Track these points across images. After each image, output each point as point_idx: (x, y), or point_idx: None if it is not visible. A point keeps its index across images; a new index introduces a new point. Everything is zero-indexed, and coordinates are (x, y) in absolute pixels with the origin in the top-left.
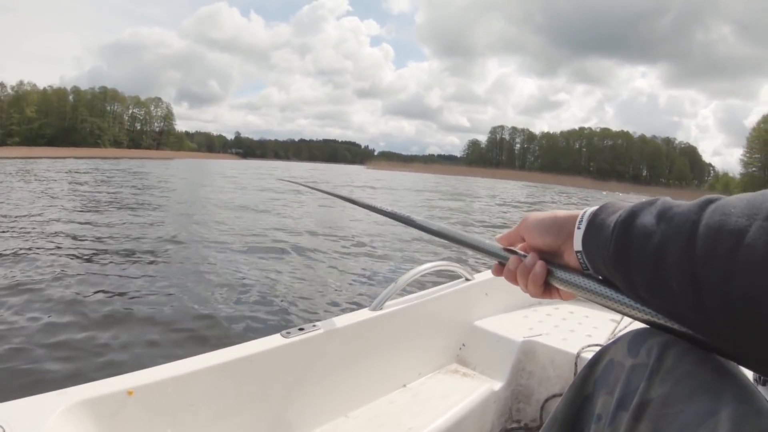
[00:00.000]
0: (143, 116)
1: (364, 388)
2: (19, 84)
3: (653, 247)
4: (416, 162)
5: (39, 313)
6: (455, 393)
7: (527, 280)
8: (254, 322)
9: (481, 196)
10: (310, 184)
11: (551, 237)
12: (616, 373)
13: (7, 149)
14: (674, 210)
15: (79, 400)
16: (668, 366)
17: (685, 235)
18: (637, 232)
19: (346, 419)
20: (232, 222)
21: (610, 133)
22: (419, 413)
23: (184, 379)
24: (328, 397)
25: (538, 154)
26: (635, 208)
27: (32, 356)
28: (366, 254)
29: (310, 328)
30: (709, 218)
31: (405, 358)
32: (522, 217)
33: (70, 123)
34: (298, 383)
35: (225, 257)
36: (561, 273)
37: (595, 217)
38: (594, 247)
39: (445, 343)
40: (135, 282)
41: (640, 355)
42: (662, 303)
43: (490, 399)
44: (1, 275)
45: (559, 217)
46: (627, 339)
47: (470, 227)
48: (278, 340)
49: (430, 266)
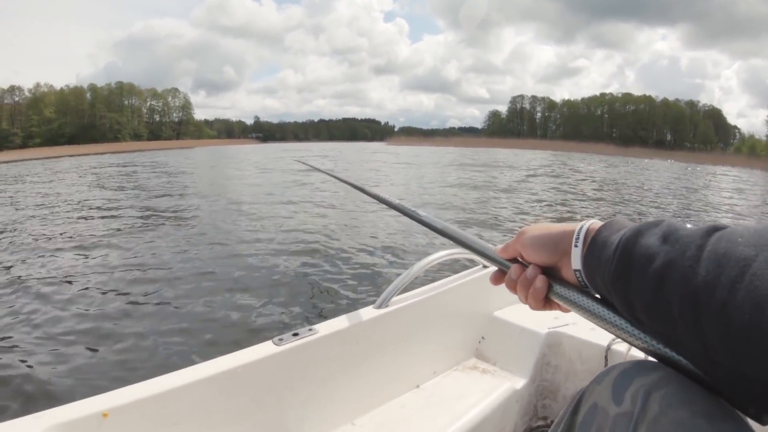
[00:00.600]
0: (161, 108)
1: (372, 391)
2: (36, 86)
3: (655, 269)
4: (437, 136)
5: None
6: (474, 393)
7: (528, 292)
8: (247, 325)
9: (499, 168)
10: (323, 169)
11: (546, 254)
12: (599, 421)
13: (29, 151)
14: (680, 233)
15: (53, 423)
16: (654, 414)
17: (689, 259)
18: (639, 252)
19: (353, 426)
20: (234, 213)
21: (632, 98)
22: (433, 417)
23: (166, 397)
24: (330, 404)
25: (559, 123)
26: (640, 227)
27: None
28: (373, 249)
29: (305, 333)
30: (715, 244)
31: (417, 357)
32: (520, 228)
33: (89, 120)
34: (295, 392)
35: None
36: (561, 289)
37: (598, 234)
38: (595, 264)
39: (462, 338)
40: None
41: (624, 402)
42: (660, 328)
43: (512, 398)
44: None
45: (552, 235)
46: (611, 380)
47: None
48: (269, 348)
49: (441, 255)
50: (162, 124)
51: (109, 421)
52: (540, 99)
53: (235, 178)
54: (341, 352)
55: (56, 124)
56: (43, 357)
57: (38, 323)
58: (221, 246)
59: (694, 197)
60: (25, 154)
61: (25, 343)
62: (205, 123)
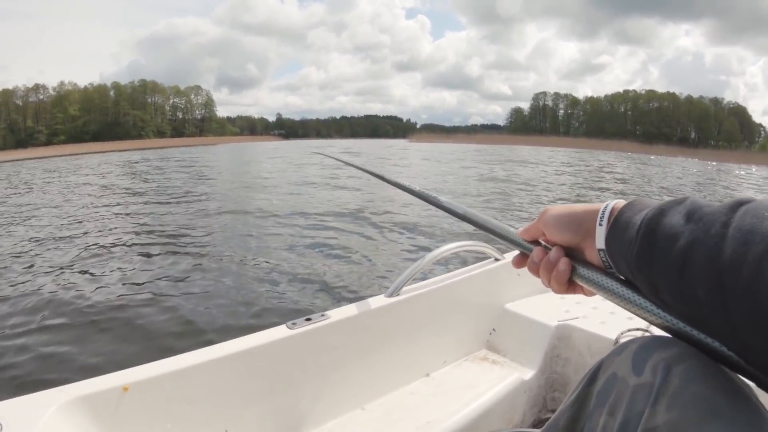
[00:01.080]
0: (184, 105)
1: (382, 378)
2: (60, 84)
3: (679, 249)
4: (459, 133)
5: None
6: (482, 382)
7: (551, 275)
8: (261, 309)
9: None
10: (343, 159)
11: (570, 234)
12: (618, 391)
13: (54, 148)
14: (704, 210)
15: (75, 396)
16: (675, 388)
17: (713, 237)
18: (663, 232)
19: (362, 411)
20: (255, 203)
21: (656, 95)
22: (441, 405)
23: (183, 374)
24: (341, 389)
25: (582, 120)
26: (663, 206)
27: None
28: (388, 238)
29: (318, 318)
30: (740, 221)
31: (428, 346)
32: (542, 209)
33: (113, 118)
34: (307, 375)
35: (239, 241)
36: (584, 271)
37: (621, 215)
38: (617, 246)
39: (473, 329)
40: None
41: (645, 374)
42: (686, 309)
43: (520, 389)
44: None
45: (577, 213)
46: (631, 352)
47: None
48: (283, 331)
49: (454, 246)
50: (185, 122)
51: (129, 396)
52: (563, 96)
53: (259, 171)
54: (352, 339)
55: (80, 121)
56: (67, 336)
57: (62, 306)
58: (239, 232)
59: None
60: (50, 152)
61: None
62: (228, 120)
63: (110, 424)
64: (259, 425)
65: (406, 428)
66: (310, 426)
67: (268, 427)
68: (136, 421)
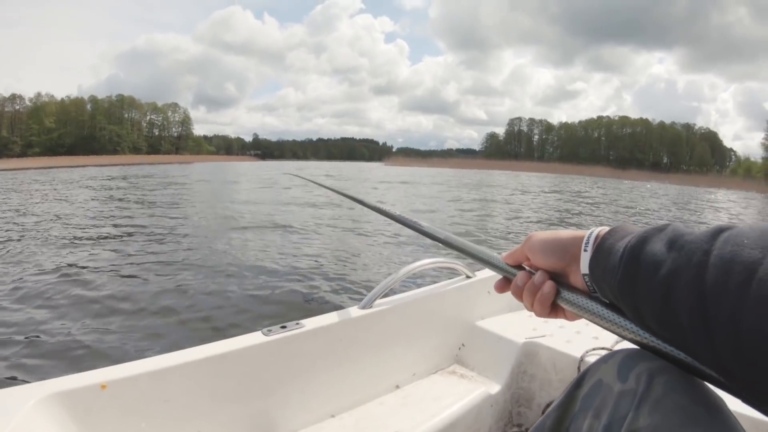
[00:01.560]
0: (161, 122)
1: (353, 389)
2: (37, 95)
3: (662, 277)
4: (434, 157)
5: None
6: (450, 395)
7: (534, 299)
8: (237, 318)
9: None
10: (319, 182)
11: (555, 259)
12: (603, 395)
13: (28, 160)
14: (685, 238)
15: (53, 392)
16: (657, 395)
17: (695, 265)
18: (645, 260)
19: (332, 420)
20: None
21: (629, 121)
22: (409, 416)
23: (159, 375)
24: (312, 397)
25: (556, 145)
26: (645, 234)
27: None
28: (363, 253)
29: (293, 326)
30: (721, 248)
31: (398, 359)
32: (527, 234)
33: (89, 131)
34: (280, 382)
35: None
36: (568, 294)
37: (604, 241)
38: (601, 272)
39: (443, 343)
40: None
41: (629, 381)
42: (670, 335)
43: (486, 402)
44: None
45: (562, 239)
46: (617, 361)
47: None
48: (258, 337)
49: (426, 263)
50: (161, 138)
51: (107, 393)
52: (537, 121)
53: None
54: (325, 348)
55: (56, 134)
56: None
57: (46, 306)
58: (215, 246)
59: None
60: (23, 164)
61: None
62: (204, 138)
63: (87, 420)
64: (231, 429)
65: None
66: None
67: (240, 430)
68: (113, 419)
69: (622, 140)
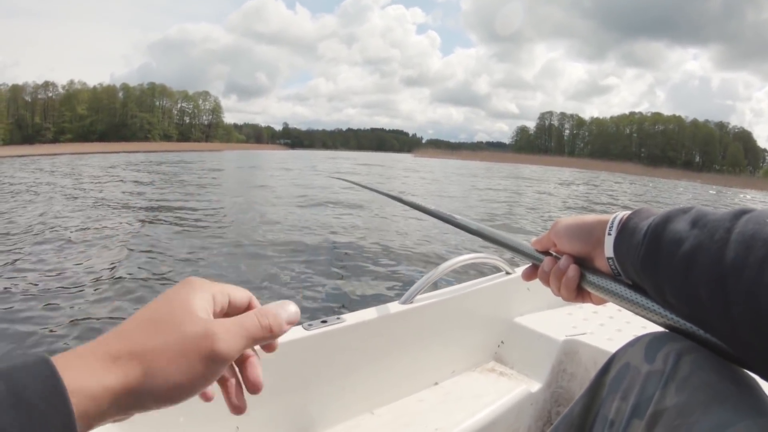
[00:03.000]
0: (192, 110)
1: (392, 384)
2: (70, 83)
3: (684, 253)
4: (464, 149)
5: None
6: (489, 393)
7: (560, 283)
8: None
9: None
10: (361, 182)
11: (580, 243)
12: (631, 377)
13: (61, 146)
14: (708, 217)
15: None
16: (684, 374)
17: (717, 242)
18: (668, 237)
19: (372, 416)
20: (271, 213)
21: (662, 118)
22: (449, 413)
23: None
24: (351, 392)
25: (587, 141)
26: (670, 213)
27: None
28: (403, 249)
29: (333, 321)
30: (743, 227)
31: (438, 355)
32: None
33: (120, 119)
34: (319, 377)
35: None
36: (593, 277)
37: (628, 221)
38: (625, 250)
39: (482, 340)
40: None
41: (657, 362)
42: (690, 310)
43: (526, 401)
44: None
45: (586, 223)
46: (644, 343)
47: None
48: (299, 332)
49: (467, 258)
50: (192, 126)
51: None
52: (569, 116)
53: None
54: (365, 343)
55: (88, 121)
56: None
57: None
58: (255, 239)
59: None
60: (57, 149)
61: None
62: (234, 127)
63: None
64: (270, 423)
65: None
66: (319, 427)
67: (279, 425)
68: (150, 413)
69: (654, 137)
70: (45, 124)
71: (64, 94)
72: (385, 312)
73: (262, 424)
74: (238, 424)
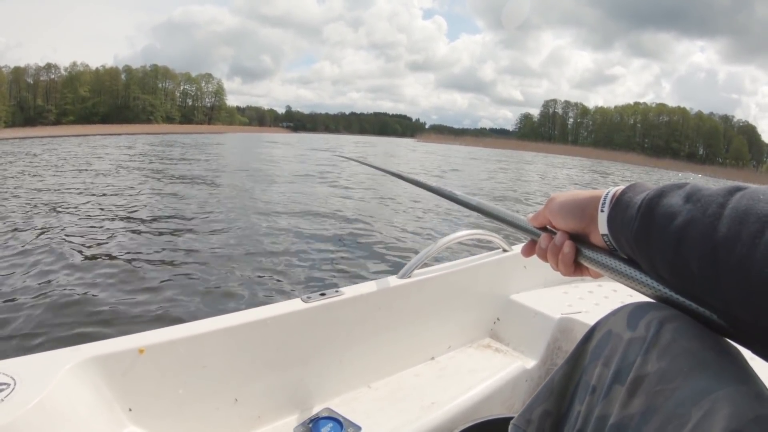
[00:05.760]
0: (194, 92)
1: (389, 358)
2: (72, 65)
3: (676, 226)
4: (467, 135)
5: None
6: (485, 368)
7: (557, 258)
8: (276, 286)
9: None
10: (360, 159)
11: (575, 220)
12: (613, 344)
13: (63, 127)
14: (702, 192)
15: (90, 356)
16: (666, 341)
17: (709, 216)
18: (661, 211)
19: (368, 389)
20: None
21: (666, 109)
22: (445, 387)
23: (198, 340)
24: (349, 366)
25: (591, 129)
26: (664, 188)
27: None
28: (402, 225)
29: (332, 294)
30: (737, 202)
31: (434, 330)
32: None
33: (122, 101)
34: (318, 350)
35: (255, 222)
36: (589, 252)
37: (622, 195)
38: (619, 224)
39: (478, 316)
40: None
41: (639, 329)
42: (681, 283)
43: (521, 377)
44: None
45: (580, 200)
46: (627, 311)
47: None
48: (298, 304)
49: (464, 234)
50: (194, 108)
51: (144, 358)
52: (573, 104)
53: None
54: (364, 317)
55: (90, 102)
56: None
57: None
58: (258, 210)
59: None
60: (59, 131)
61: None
62: (237, 109)
63: (124, 385)
64: (268, 396)
65: (411, 408)
66: (317, 400)
67: (276, 398)
68: (149, 384)
69: (658, 128)
70: (47, 106)
71: (66, 76)
72: (384, 285)
73: (260, 395)
74: (237, 396)
